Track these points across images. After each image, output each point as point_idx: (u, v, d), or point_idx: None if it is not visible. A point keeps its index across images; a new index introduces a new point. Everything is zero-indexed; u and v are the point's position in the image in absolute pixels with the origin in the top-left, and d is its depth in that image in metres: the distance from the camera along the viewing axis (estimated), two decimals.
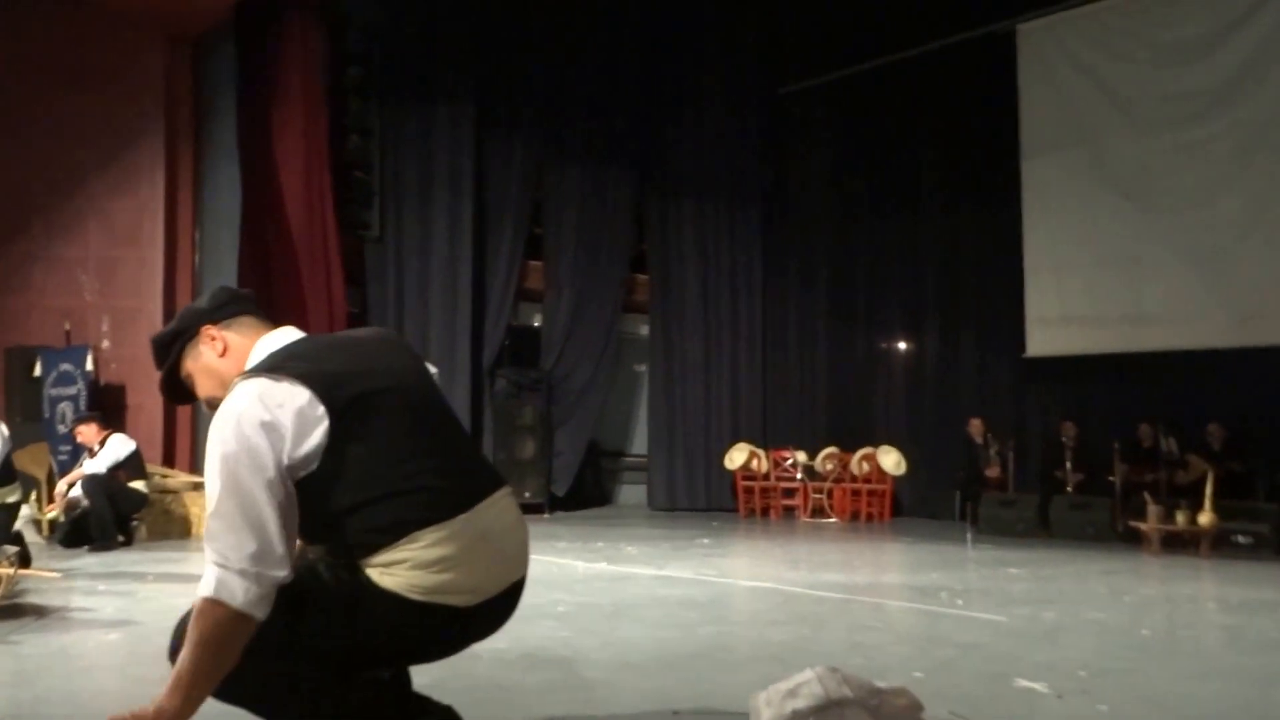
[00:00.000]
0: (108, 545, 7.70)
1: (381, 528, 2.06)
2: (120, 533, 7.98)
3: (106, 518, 7.77)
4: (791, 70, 13.40)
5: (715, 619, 5.06)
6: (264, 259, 10.48)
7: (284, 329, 2.28)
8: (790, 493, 12.30)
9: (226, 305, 2.28)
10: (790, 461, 12.40)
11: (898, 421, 12.78)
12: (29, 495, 8.51)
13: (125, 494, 8.03)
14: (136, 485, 8.16)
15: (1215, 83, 10.22)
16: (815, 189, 13.52)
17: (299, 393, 2.01)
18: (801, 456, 12.32)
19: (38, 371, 9.34)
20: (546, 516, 11.56)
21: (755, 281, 13.64)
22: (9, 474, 6.32)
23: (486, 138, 12.22)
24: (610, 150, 12.92)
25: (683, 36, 13.34)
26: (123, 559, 7.25)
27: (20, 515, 6.73)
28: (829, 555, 8.27)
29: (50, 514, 8.25)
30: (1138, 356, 10.48)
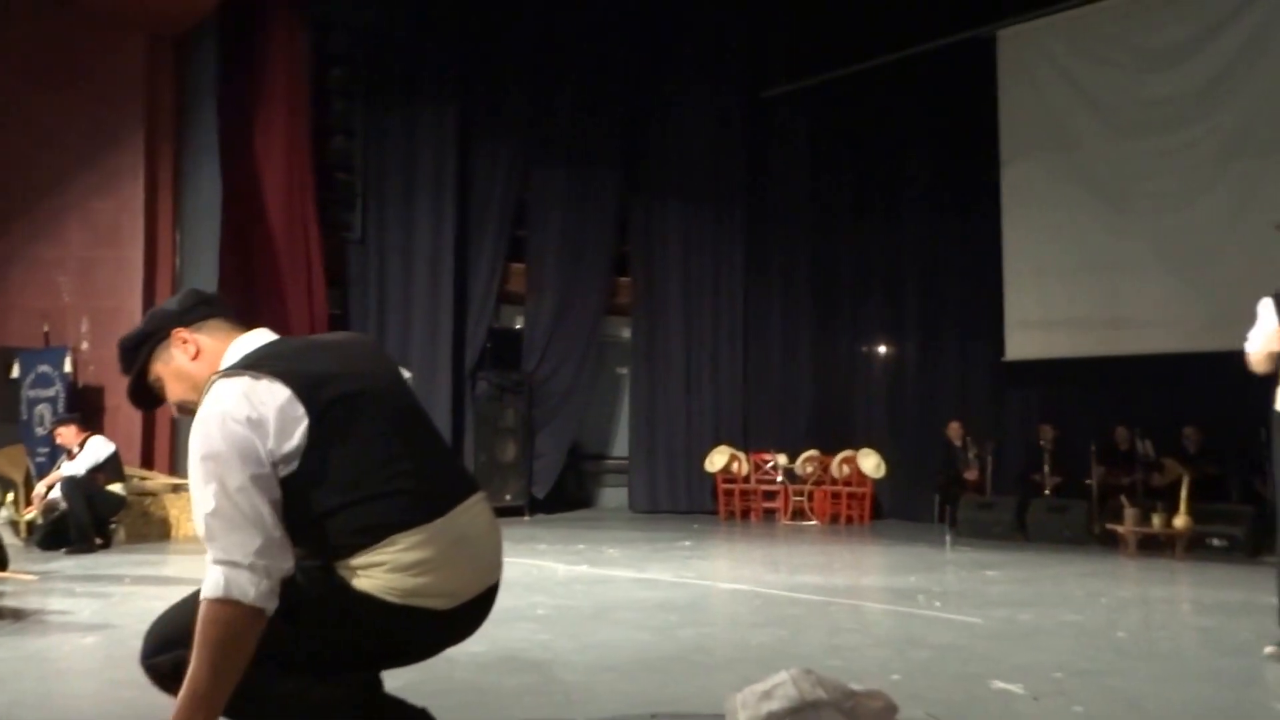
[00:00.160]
0: (86, 548, 7.66)
1: (359, 530, 2.04)
2: (98, 535, 7.94)
3: (84, 520, 7.73)
4: (774, 74, 13.44)
5: (694, 621, 5.07)
6: (245, 260, 10.42)
7: (258, 331, 2.24)
8: (771, 495, 12.33)
9: (197, 308, 2.25)
10: (771, 464, 12.43)
11: (878, 424, 12.83)
12: (6, 497, 8.48)
13: (103, 496, 7.99)
14: (115, 488, 8.12)
15: (1194, 88, 10.30)
16: (797, 193, 13.56)
17: (280, 391, 2.00)
18: (782, 459, 12.35)
19: (15, 373, 9.29)
20: (527, 519, 11.55)
21: (737, 285, 13.68)
22: None
23: (470, 139, 12.18)
24: (594, 153, 12.92)
25: (666, 40, 13.36)
26: (100, 562, 7.21)
27: None
28: (808, 558, 8.30)
29: (28, 516, 8.20)
30: (1115, 360, 10.55)
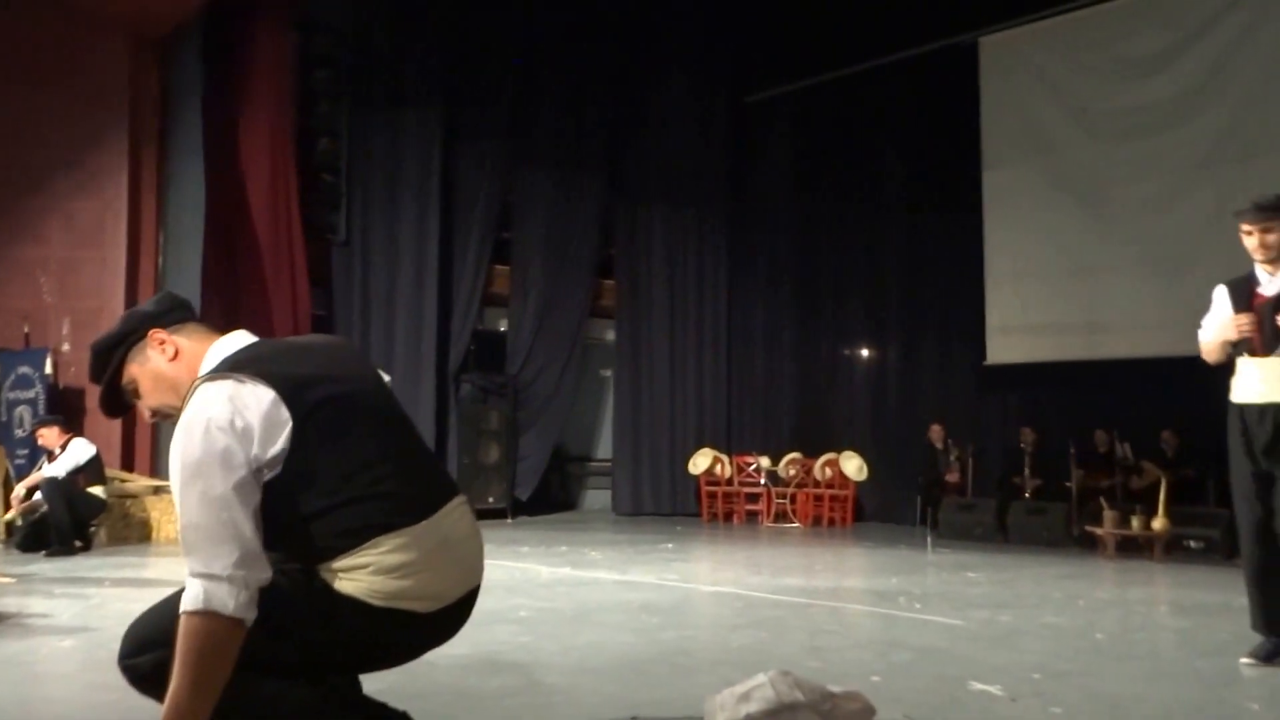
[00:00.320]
0: (66, 550, 7.62)
1: (343, 533, 2.03)
2: (78, 538, 7.89)
3: (65, 522, 7.68)
4: (757, 79, 13.51)
5: (676, 624, 5.09)
6: (228, 261, 10.38)
7: (237, 333, 2.22)
8: (753, 498, 12.37)
9: (174, 310, 2.23)
10: (754, 467, 12.47)
11: (860, 427, 12.88)
12: None
13: (84, 499, 7.95)
14: (95, 490, 8.07)
15: (1173, 94, 10.38)
16: (780, 197, 13.62)
17: (265, 394, 1.99)
18: (765, 462, 12.40)
19: None
20: (510, 521, 11.54)
21: (720, 288, 13.73)
22: None
23: (454, 142, 12.18)
24: (578, 156, 12.95)
25: (650, 44, 13.40)
26: (80, 564, 7.17)
27: None
28: (790, 560, 8.32)
29: (7, 517, 8.14)
30: (1095, 364, 10.63)
